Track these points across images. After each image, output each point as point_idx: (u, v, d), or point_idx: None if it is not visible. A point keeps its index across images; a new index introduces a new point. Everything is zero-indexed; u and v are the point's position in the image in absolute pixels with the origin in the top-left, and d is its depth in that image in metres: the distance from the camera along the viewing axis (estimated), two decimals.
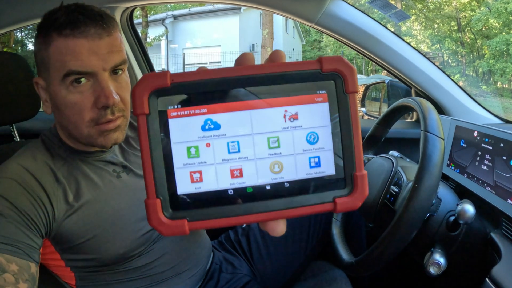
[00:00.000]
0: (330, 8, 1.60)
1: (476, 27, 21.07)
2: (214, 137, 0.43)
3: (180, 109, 0.42)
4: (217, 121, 0.42)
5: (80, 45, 0.92)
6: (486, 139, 1.15)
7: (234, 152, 0.43)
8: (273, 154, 0.44)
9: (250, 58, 0.45)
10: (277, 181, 0.44)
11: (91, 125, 0.98)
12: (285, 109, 0.43)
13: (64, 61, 0.92)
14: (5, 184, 0.92)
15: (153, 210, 0.42)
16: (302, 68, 0.43)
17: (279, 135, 0.44)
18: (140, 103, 0.41)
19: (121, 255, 1.05)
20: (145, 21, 16.70)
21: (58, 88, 0.95)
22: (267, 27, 17.26)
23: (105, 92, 0.95)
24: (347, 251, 1.23)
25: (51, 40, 0.93)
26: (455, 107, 1.76)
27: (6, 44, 11.34)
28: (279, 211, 0.44)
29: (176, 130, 0.42)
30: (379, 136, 1.42)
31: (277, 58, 0.45)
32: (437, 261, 1.01)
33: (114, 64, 0.97)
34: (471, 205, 0.98)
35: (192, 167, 0.43)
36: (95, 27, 0.93)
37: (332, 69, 0.44)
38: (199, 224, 0.43)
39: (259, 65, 0.43)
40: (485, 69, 20.55)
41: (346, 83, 0.44)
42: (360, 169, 0.45)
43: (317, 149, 0.44)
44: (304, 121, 0.44)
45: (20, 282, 0.81)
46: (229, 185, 0.43)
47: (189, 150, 0.42)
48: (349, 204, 0.44)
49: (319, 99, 0.44)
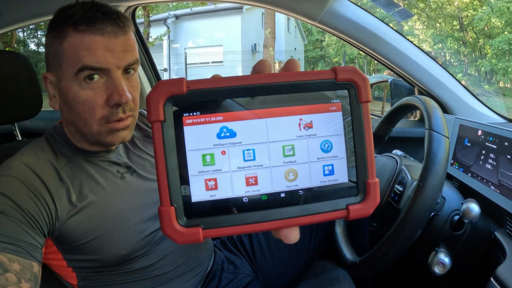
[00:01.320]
0: (333, 6, 1.59)
1: (478, 27, 21.07)
2: (229, 144, 0.43)
3: (195, 117, 0.42)
4: (233, 129, 0.43)
5: (96, 42, 0.92)
6: (490, 138, 1.14)
7: (249, 160, 0.44)
8: (288, 162, 0.44)
9: (267, 65, 0.46)
10: (292, 188, 0.45)
11: (101, 122, 0.98)
12: (300, 118, 0.44)
13: (79, 56, 0.92)
14: (8, 182, 0.92)
15: (167, 218, 0.42)
16: (317, 78, 0.44)
17: (294, 143, 0.44)
18: (155, 110, 0.41)
19: (123, 256, 1.04)
20: (147, 20, 16.72)
21: (70, 84, 0.95)
22: (269, 26, 17.28)
23: (118, 90, 0.95)
24: (351, 250, 1.22)
25: (66, 35, 0.93)
26: (459, 106, 1.75)
27: (8, 43, 11.36)
28: (293, 218, 0.44)
29: (191, 137, 0.42)
30: (383, 135, 1.42)
31: (292, 67, 0.46)
32: (442, 260, 1.00)
33: (128, 62, 0.98)
34: (476, 204, 0.98)
35: (207, 175, 0.43)
36: (112, 25, 0.94)
37: (346, 79, 0.44)
38: (214, 232, 0.43)
39: (274, 74, 0.43)
40: (487, 69, 20.53)
41: (359, 92, 0.45)
42: (373, 176, 0.46)
43: (331, 157, 0.45)
44: (318, 130, 0.45)
45: (22, 281, 0.80)
46: (244, 193, 0.44)
47: (204, 157, 0.43)
48: (361, 211, 0.45)
49: (333, 108, 0.45)
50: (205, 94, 0.42)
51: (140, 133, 1.24)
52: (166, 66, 20.51)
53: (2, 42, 10.90)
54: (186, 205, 0.43)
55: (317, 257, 1.51)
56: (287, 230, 0.46)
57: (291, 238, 0.46)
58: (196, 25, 21.37)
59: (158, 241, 1.12)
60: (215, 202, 0.43)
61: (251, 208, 0.44)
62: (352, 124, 0.45)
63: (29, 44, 17.77)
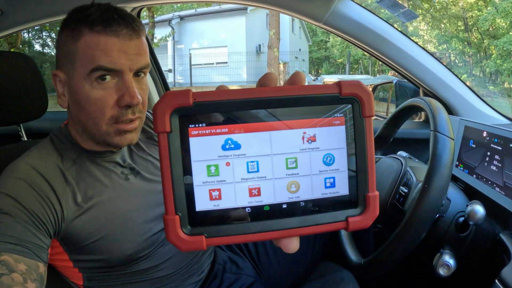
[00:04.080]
0: (338, 7, 1.59)
1: (483, 27, 21.00)
2: (234, 156, 0.44)
3: (201, 128, 0.43)
4: (238, 141, 0.44)
5: (111, 43, 0.93)
6: (495, 140, 1.14)
7: (253, 171, 0.44)
8: (291, 175, 0.45)
9: (273, 78, 0.46)
10: (293, 200, 0.46)
11: (110, 122, 0.99)
12: (303, 131, 0.45)
13: (93, 56, 0.93)
14: (14, 183, 0.92)
15: (171, 226, 0.43)
16: (321, 92, 0.45)
17: (297, 156, 0.45)
18: (161, 121, 0.42)
19: (129, 256, 1.05)
20: (151, 21, 16.77)
21: (82, 83, 0.96)
22: (274, 27, 17.28)
23: (130, 92, 0.96)
24: (356, 251, 1.22)
25: (81, 34, 0.94)
26: (464, 107, 1.75)
27: (13, 44, 11.39)
28: (294, 229, 0.45)
29: (197, 148, 0.43)
30: (387, 136, 1.42)
31: (297, 80, 0.47)
32: (446, 262, 1.00)
33: (140, 66, 0.99)
34: (481, 206, 0.98)
35: (212, 185, 0.44)
36: (127, 28, 0.95)
37: (350, 93, 0.45)
38: (217, 240, 0.44)
39: (280, 88, 0.44)
40: (492, 69, 20.48)
41: (363, 107, 0.45)
42: (373, 190, 0.46)
43: (333, 170, 0.46)
44: (321, 143, 0.45)
45: (28, 281, 0.81)
46: (247, 203, 0.45)
47: (209, 168, 0.44)
48: (360, 223, 0.47)
49: (337, 122, 0.45)
50: (211, 106, 0.43)
51: (143, 135, 1.25)
52: (171, 67, 20.58)
53: (7, 43, 10.95)
54: (190, 214, 0.44)
55: (321, 259, 1.51)
56: (287, 240, 0.47)
57: (291, 248, 0.47)
58: (201, 26, 21.42)
59: (163, 242, 1.13)
60: (219, 212, 0.44)
61: (253, 218, 0.45)
62: (355, 138, 0.46)
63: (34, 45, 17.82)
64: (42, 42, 17.79)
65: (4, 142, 1.37)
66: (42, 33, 16.85)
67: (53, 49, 13.12)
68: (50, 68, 8.07)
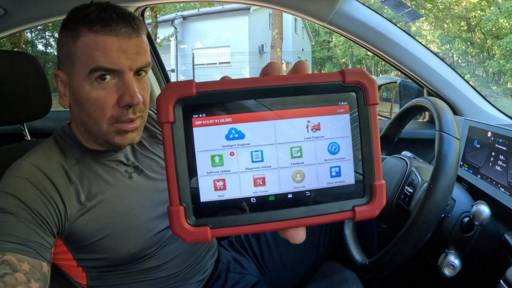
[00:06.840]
0: (343, 7, 1.59)
1: (486, 27, 20.98)
2: (238, 146, 0.44)
3: (204, 118, 0.43)
4: (242, 130, 0.43)
5: (110, 42, 0.93)
6: (500, 140, 1.13)
7: (257, 161, 0.44)
8: (296, 164, 0.45)
9: (276, 68, 0.46)
10: (299, 189, 0.45)
11: (111, 122, 0.98)
12: (308, 120, 0.45)
13: (92, 56, 0.92)
14: (17, 183, 0.92)
15: (176, 217, 0.43)
16: (325, 80, 0.44)
17: (301, 145, 0.45)
18: (165, 112, 0.42)
19: (133, 254, 1.05)
20: (154, 21, 16.76)
21: (82, 83, 0.95)
22: (277, 27, 17.28)
23: (130, 92, 0.96)
24: (360, 252, 1.22)
25: (80, 34, 0.94)
26: (468, 107, 1.75)
27: (16, 44, 11.41)
28: (300, 219, 0.45)
29: (201, 138, 0.43)
30: (392, 136, 1.41)
31: (301, 69, 0.46)
32: (451, 262, 1.00)
33: (140, 65, 0.99)
34: (486, 206, 0.97)
35: (216, 175, 0.44)
36: (126, 27, 0.95)
37: (354, 81, 0.45)
38: (222, 231, 0.44)
39: (283, 76, 0.44)
40: (495, 70, 20.45)
41: (367, 95, 0.45)
42: (379, 178, 0.46)
43: (338, 159, 0.46)
44: (326, 132, 0.45)
45: (31, 281, 0.81)
46: (252, 193, 0.44)
47: (213, 158, 0.43)
48: (367, 213, 0.46)
49: (341, 110, 0.45)
50: (214, 96, 0.43)
51: (146, 134, 1.25)
52: (174, 67, 20.56)
53: (10, 42, 10.97)
54: (195, 205, 0.43)
55: (325, 258, 1.51)
56: (294, 230, 0.46)
57: (297, 238, 0.46)
58: (204, 26, 21.42)
59: (167, 241, 1.12)
60: (223, 202, 0.44)
61: (258, 208, 0.44)
62: (360, 127, 0.45)
63: (37, 45, 17.86)
64: (45, 42, 17.86)
65: (7, 142, 1.37)
66: (45, 33, 16.90)
67: (56, 49, 13.25)
68: (53, 68, 8.07)
